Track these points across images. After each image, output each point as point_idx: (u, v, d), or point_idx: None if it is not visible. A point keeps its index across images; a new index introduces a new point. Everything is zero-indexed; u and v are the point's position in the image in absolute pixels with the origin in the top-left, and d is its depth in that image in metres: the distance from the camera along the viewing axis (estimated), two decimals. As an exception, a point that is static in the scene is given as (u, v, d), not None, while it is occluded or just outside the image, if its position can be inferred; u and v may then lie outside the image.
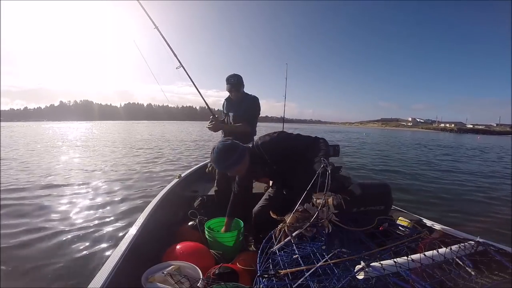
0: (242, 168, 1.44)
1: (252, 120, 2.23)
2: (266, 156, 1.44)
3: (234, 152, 1.38)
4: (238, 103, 2.25)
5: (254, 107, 2.23)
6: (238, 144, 1.43)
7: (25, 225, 2.95)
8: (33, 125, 50.50)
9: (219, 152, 1.38)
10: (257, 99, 2.27)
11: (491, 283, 0.69)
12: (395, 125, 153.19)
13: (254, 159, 1.46)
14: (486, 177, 6.90)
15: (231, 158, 1.38)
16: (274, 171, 1.53)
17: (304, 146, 1.41)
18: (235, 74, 2.22)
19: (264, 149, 1.44)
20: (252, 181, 1.79)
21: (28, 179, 5.26)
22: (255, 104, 2.24)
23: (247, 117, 2.20)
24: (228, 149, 1.38)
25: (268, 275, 0.83)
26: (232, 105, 2.29)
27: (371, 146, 16.02)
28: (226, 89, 2.24)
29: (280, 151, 1.44)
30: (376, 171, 7.30)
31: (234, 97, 2.27)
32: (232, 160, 1.38)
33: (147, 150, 10.56)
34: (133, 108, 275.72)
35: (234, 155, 1.38)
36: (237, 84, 2.20)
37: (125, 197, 4.11)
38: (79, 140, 15.39)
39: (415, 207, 3.76)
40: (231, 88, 2.20)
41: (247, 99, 2.25)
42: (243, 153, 1.41)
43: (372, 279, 0.72)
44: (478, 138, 40.30)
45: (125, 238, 1.26)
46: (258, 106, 2.27)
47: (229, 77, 2.21)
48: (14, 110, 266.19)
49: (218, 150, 1.38)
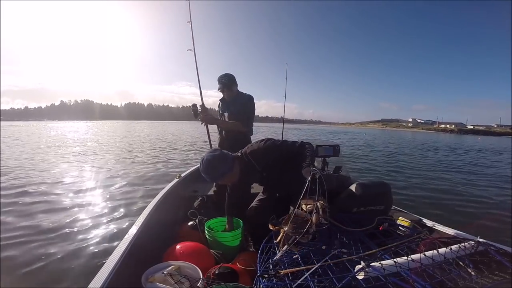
0: (233, 177, 1.48)
1: (247, 119, 2.20)
2: (255, 164, 1.48)
3: (223, 162, 1.41)
4: (232, 102, 2.24)
5: (248, 106, 2.21)
6: (227, 153, 1.46)
7: (25, 225, 2.95)
8: (34, 124, 50.50)
9: (209, 162, 1.40)
10: (252, 98, 2.24)
11: (491, 283, 0.69)
12: (395, 126, 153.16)
13: (244, 168, 1.50)
14: (486, 177, 6.90)
15: (221, 167, 1.40)
16: (264, 178, 1.57)
17: (290, 152, 1.46)
18: (226, 73, 2.22)
19: (253, 157, 1.48)
20: (246, 188, 1.80)
21: (28, 180, 5.26)
22: (249, 103, 2.21)
23: (241, 116, 2.18)
24: (217, 159, 1.40)
25: (268, 275, 0.83)
26: (226, 105, 2.27)
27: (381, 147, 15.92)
28: (218, 89, 2.24)
29: (268, 158, 1.48)
30: (379, 172, 7.31)
31: (227, 96, 2.26)
32: (222, 169, 1.41)
33: (147, 151, 10.57)
34: (134, 108, 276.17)
35: (223, 164, 1.41)
36: (228, 83, 2.20)
37: (125, 197, 4.11)
38: (80, 140, 15.41)
39: (415, 207, 3.76)
40: (223, 87, 2.20)
41: (241, 98, 2.23)
42: (232, 162, 1.44)
43: (372, 279, 0.72)
44: (479, 139, 40.32)
45: (125, 238, 1.26)
46: (253, 105, 2.24)
47: (220, 77, 2.22)
48: (14, 109, 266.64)
49: (207, 160, 1.40)
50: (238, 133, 2.22)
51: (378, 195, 1.41)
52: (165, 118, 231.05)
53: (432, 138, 35.96)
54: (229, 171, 1.42)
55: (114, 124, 54.83)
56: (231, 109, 2.23)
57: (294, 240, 0.94)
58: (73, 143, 13.96)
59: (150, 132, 25.69)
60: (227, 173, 1.42)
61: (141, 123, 66.36)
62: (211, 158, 1.40)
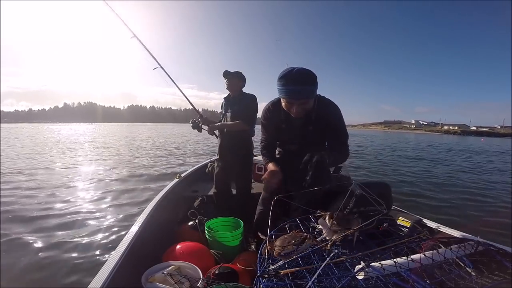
0: (311, 102, 1.30)
1: (249, 118, 2.17)
2: (319, 110, 1.35)
3: (314, 77, 1.24)
4: (235, 102, 2.22)
5: (251, 105, 2.18)
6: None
7: (25, 226, 2.97)
8: (38, 127, 50.78)
9: (303, 69, 1.23)
10: (255, 97, 2.22)
11: (491, 283, 0.69)
12: (398, 128, 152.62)
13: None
14: (486, 177, 6.86)
15: (315, 80, 1.24)
16: (305, 131, 1.42)
17: (342, 133, 1.40)
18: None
19: (325, 103, 1.37)
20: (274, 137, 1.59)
21: (29, 179, 5.29)
22: (253, 103, 2.19)
23: (244, 115, 2.15)
24: (310, 72, 1.24)
25: (268, 275, 0.83)
26: (230, 104, 2.26)
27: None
28: (225, 84, 2.22)
29: (330, 116, 1.38)
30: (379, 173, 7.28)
31: (230, 90, 2.23)
32: (316, 82, 1.25)
33: (147, 151, 10.60)
34: (137, 110, 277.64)
35: (315, 79, 1.24)
36: (231, 74, 2.17)
37: (125, 197, 4.13)
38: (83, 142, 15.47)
39: (415, 207, 3.74)
40: (226, 76, 2.18)
41: (245, 98, 2.22)
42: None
43: (372, 279, 0.72)
44: (482, 140, 40.15)
45: (125, 238, 1.26)
46: (256, 104, 2.22)
47: (226, 71, 2.19)
48: (19, 111, 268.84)
49: (301, 68, 1.23)
50: (241, 132, 2.20)
51: (378, 195, 1.40)
52: (167, 120, 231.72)
53: (434, 139, 35.80)
54: (315, 89, 1.27)
55: (117, 127, 55.05)
56: (234, 108, 2.22)
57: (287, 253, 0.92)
58: (76, 146, 14.02)
59: (152, 134, 25.75)
60: (314, 92, 1.27)
61: (144, 126, 66.54)
62: (303, 69, 1.23)
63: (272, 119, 1.47)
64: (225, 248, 1.57)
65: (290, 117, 1.38)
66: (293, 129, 1.45)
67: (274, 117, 1.46)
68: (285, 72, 1.23)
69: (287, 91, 1.25)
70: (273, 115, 1.45)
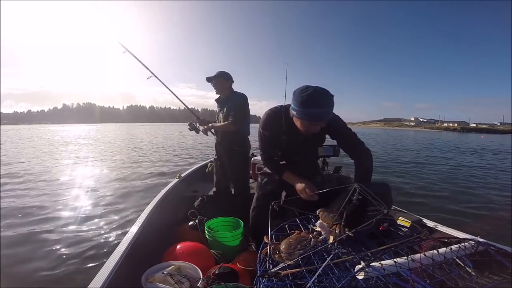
0: (325, 120, 1.27)
1: (237, 119, 2.12)
2: (324, 123, 1.30)
3: (332, 97, 1.21)
4: (226, 102, 2.22)
5: (240, 104, 2.16)
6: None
7: (25, 225, 2.97)
8: (39, 128, 50.75)
9: (322, 90, 1.19)
10: (243, 96, 2.19)
11: (491, 283, 0.69)
12: (397, 125, 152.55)
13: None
14: (487, 176, 6.86)
15: (332, 101, 1.21)
16: (305, 141, 1.42)
17: (353, 137, 1.40)
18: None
19: (331, 118, 1.32)
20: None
21: (30, 179, 5.29)
22: (240, 101, 2.16)
23: (232, 116, 2.12)
24: (328, 93, 1.21)
25: (268, 275, 0.83)
26: (222, 105, 2.26)
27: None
28: (214, 89, 2.25)
29: (332, 129, 1.39)
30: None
31: (219, 92, 2.25)
32: (332, 103, 1.21)
33: (147, 152, 10.59)
34: (136, 110, 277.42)
35: (332, 99, 1.21)
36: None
37: (125, 197, 4.13)
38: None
39: (416, 208, 3.74)
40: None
41: (234, 97, 2.20)
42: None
43: (372, 279, 0.72)
44: (482, 137, 40.12)
45: (125, 238, 1.27)
46: (245, 103, 2.18)
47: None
48: (18, 113, 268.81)
49: (319, 88, 1.19)
50: (231, 133, 2.19)
51: (378, 195, 1.40)
52: (166, 120, 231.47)
53: (434, 137, 35.76)
54: (332, 109, 1.23)
55: (117, 127, 55.03)
56: (225, 108, 2.22)
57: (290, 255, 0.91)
58: (78, 148, 14.02)
59: (151, 134, 25.74)
60: (331, 112, 1.24)
61: (143, 126, 66.54)
62: (321, 90, 1.19)
63: (273, 130, 1.43)
64: (225, 248, 1.57)
65: (292, 129, 1.36)
66: (294, 141, 1.44)
67: (275, 127, 1.42)
68: (304, 95, 1.18)
69: (309, 114, 1.21)
70: (274, 126, 1.42)
